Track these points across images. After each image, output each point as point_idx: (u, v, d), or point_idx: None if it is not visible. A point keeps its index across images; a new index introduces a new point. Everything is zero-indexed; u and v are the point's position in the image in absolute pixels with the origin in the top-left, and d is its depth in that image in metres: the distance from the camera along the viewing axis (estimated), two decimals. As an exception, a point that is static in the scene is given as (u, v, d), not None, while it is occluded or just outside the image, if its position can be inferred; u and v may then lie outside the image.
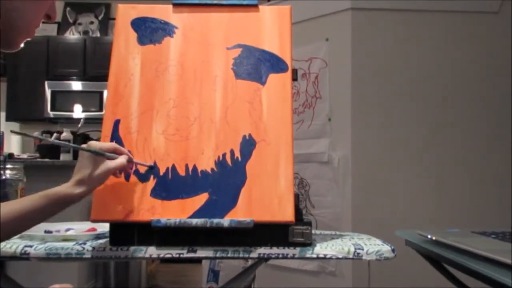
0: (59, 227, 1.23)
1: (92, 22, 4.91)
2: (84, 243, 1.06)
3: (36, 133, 3.68)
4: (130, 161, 1.01)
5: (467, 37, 2.32)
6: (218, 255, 1.01)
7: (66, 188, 0.92)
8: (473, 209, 2.22)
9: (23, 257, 1.02)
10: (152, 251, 1.01)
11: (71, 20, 4.91)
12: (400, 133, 2.30)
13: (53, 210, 0.92)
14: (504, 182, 2.27)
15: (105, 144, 0.99)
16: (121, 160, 0.98)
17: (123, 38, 1.16)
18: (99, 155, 0.94)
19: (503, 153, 2.29)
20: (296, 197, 1.03)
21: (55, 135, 2.99)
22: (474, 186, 2.27)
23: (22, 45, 0.78)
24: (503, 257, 0.79)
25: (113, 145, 1.00)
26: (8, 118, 4.46)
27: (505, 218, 1.34)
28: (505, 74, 2.31)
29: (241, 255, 1.01)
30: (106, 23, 4.96)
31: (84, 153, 0.94)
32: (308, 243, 1.02)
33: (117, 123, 1.09)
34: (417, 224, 1.29)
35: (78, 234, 1.14)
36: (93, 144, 0.96)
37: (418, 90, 2.31)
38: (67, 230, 1.20)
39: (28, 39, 0.78)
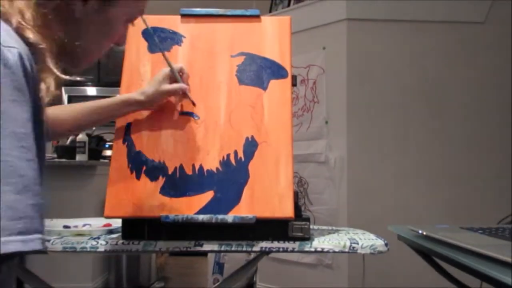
0: (77, 222, 1.23)
1: (105, 32, 4.93)
2: (98, 238, 1.06)
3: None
4: (184, 92, 1.08)
5: (456, 46, 2.32)
6: (222, 248, 1.00)
7: (134, 94, 1.05)
8: (462, 206, 2.22)
9: (41, 251, 1.02)
10: (161, 245, 1.00)
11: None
12: (393, 135, 2.30)
13: (122, 109, 1.06)
14: (490, 181, 2.27)
15: (176, 65, 1.08)
16: (175, 86, 1.06)
17: (135, 47, 1.16)
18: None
19: (491, 153, 2.29)
20: (296, 195, 1.03)
21: (71, 137, 3.00)
22: (463, 185, 2.26)
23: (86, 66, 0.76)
24: (489, 251, 0.79)
25: (182, 66, 1.09)
26: (28, 121, 4.48)
27: (492, 214, 1.34)
28: (491, 80, 2.31)
29: (244, 249, 1.00)
30: (119, 33, 4.97)
31: (156, 73, 1.07)
32: (307, 238, 1.02)
33: (128, 125, 1.09)
34: (408, 220, 1.29)
35: (92, 229, 1.14)
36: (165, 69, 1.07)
37: (409, 94, 2.31)
38: (84, 225, 1.20)
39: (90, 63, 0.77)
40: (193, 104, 1.09)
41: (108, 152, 2.96)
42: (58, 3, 0.63)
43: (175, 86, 1.06)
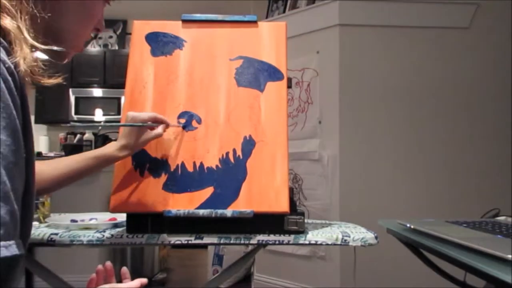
0: (84, 217, 1.23)
1: (111, 37, 4.90)
2: (104, 231, 1.06)
3: (61, 134, 3.68)
4: (166, 127, 1.02)
5: (442, 50, 2.32)
6: (222, 241, 1.01)
7: (113, 151, 0.97)
8: (448, 201, 2.23)
9: (49, 243, 1.02)
10: (163, 238, 1.00)
11: (92, 35, 4.88)
12: (383, 134, 2.30)
13: (97, 168, 0.97)
14: (475, 178, 2.28)
15: (146, 114, 0.99)
16: (159, 131, 1.00)
17: (138, 50, 1.16)
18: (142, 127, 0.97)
19: (474, 153, 2.29)
20: (291, 191, 1.03)
21: (78, 136, 2.99)
22: (448, 181, 2.27)
23: (71, 57, 0.74)
24: (473, 243, 0.79)
25: (154, 115, 1.00)
26: (37, 121, 4.44)
27: (476, 209, 1.34)
28: (477, 83, 2.32)
29: (242, 242, 1.01)
30: (124, 38, 4.95)
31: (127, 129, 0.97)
32: (301, 231, 1.02)
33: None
34: (397, 214, 1.29)
35: (98, 223, 1.14)
36: (135, 115, 0.98)
37: (399, 95, 2.32)
38: (91, 219, 1.20)
39: (78, 52, 0.74)
40: (183, 127, 1.07)
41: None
42: None
43: (155, 133, 1.00)
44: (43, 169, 0.94)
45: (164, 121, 1.02)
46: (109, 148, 0.98)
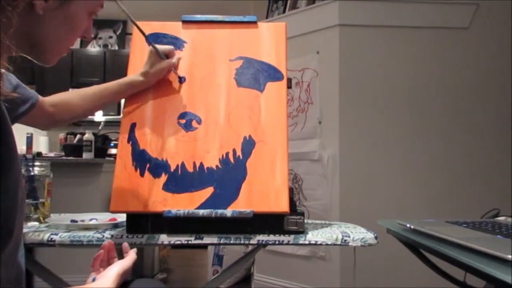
0: (84, 217, 1.23)
1: (111, 37, 4.91)
2: (104, 232, 1.06)
3: (61, 135, 3.67)
4: (175, 65, 1.13)
5: (442, 50, 2.33)
6: (222, 241, 1.00)
7: (134, 76, 1.10)
8: (448, 201, 2.23)
9: (50, 244, 1.02)
10: (163, 238, 1.00)
11: (92, 35, 4.89)
12: (382, 134, 2.30)
13: (122, 93, 1.11)
14: (475, 178, 2.28)
15: (165, 47, 1.11)
16: (172, 61, 1.11)
17: (139, 51, 1.16)
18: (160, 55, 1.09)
19: (475, 153, 2.29)
20: (291, 191, 1.03)
21: (78, 136, 2.99)
22: (448, 182, 2.27)
23: (55, 61, 0.74)
24: (473, 243, 0.79)
25: (171, 48, 1.12)
26: (37, 121, 4.45)
27: (476, 209, 1.34)
28: (477, 84, 2.32)
29: (242, 242, 1.00)
30: (123, 38, 4.95)
31: (150, 53, 1.09)
32: (301, 231, 1.02)
33: (133, 126, 1.09)
34: (397, 214, 1.29)
35: (98, 223, 1.14)
36: (157, 46, 1.09)
37: (398, 96, 2.32)
38: (91, 220, 1.20)
39: (62, 56, 0.75)
40: (180, 79, 1.13)
41: (113, 151, 2.96)
42: (20, 3, 0.60)
43: (165, 64, 1.10)
44: (72, 98, 1.08)
45: (172, 64, 1.11)
46: (134, 76, 1.10)
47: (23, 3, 0.61)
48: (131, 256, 0.80)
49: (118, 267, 0.74)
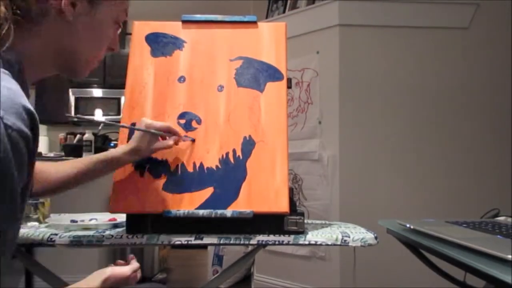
0: (84, 217, 1.23)
1: (111, 37, 4.92)
2: (104, 232, 1.06)
3: (61, 135, 3.67)
4: (176, 140, 1.03)
5: (442, 50, 2.33)
6: (222, 241, 1.00)
7: (121, 154, 0.99)
8: (448, 201, 2.23)
9: (49, 243, 1.02)
10: (163, 238, 1.00)
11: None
12: (383, 134, 2.30)
13: (105, 171, 1.00)
14: (474, 178, 2.28)
15: (161, 123, 1.02)
16: (170, 142, 1.01)
17: (138, 51, 1.16)
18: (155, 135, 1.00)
19: (474, 153, 2.29)
20: (291, 191, 1.03)
21: (78, 136, 2.99)
22: (448, 182, 2.27)
23: (87, 73, 0.78)
24: (473, 243, 0.79)
25: (168, 126, 1.03)
26: (37, 121, 4.46)
27: (475, 209, 1.34)
28: (476, 84, 2.32)
29: (242, 242, 1.00)
30: (123, 38, 4.94)
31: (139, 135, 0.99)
32: (301, 231, 1.02)
33: (133, 126, 1.09)
34: (397, 215, 1.29)
35: (98, 223, 1.14)
36: (149, 123, 1.00)
37: (399, 96, 2.32)
38: (91, 220, 1.20)
39: (94, 67, 0.78)
40: (193, 141, 1.06)
41: (113, 151, 2.95)
42: (49, 9, 0.65)
43: (161, 145, 1.01)
44: (50, 171, 0.95)
45: (177, 133, 1.04)
46: (118, 151, 0.99)
47: (53, 10, 0.66)
48: (131, 265, 0.80)
49: (110, 270, 0.75)
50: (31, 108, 0.57)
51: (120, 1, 0.77)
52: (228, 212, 0.98)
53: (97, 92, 4.63)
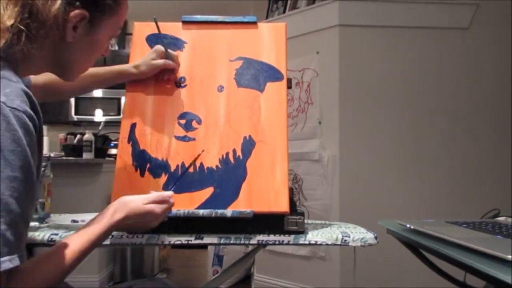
0: (84, 217, 1.23)
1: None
2: (104, 232, 1.06)
3: (61, 135, 3.68)
4: (171, 67, 1.12)
5: (442, 50, 2.33)
6: (222, 241, 1.00)
7: (128, 67, 1.12)
8: (448, 201, 2.23)
9: (50, 244, 1.02)
10: (164, 238, 1.00)
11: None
12: (382, 134, 2.30)
13: (114, 79, 1.13)
14: (475, 179, 2.28)
15: (173, 52, 1.13)
16: (168, 62, 1.11)
17: (139, 51, 1.16)
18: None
19: (475, 154, 2.29)
20: (291, 191, 1.03)
21: (78, 136, 2.99)
22: (449, 182, 2.27)
23: (77, 78, 0.86)
24: (473, 244, 0.79)
25: (176, 54, 1.14)
26: (37, 122, 4.46)
27: (476, 209, 1.34)
28: (476, 84, 2.32)
29: (242, 242, 1.00)
30: (124, 38, 4.95)
31: (151, 52, 1.12)
32: (301, 231, 1.02)
33: (133, 126, 1.09)
34: (397, 215, 1.29)
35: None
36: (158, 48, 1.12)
37: (398, 96, 2.32)
38: (91, 220, 1.20)
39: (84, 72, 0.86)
40: (178, 84, 1.12)
41: (113, 151, 2.96)
42: (50, 31, 0.72)
43: (161, 62, 1.10)
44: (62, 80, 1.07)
45: (169, 63, 1.12)
46: (125, 65, 1.12)
47: (57, 33, 0.73)
48: (160, 195, 0.88)
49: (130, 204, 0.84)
50: (28, 90, 0.66)
51: (118, 18, 0.81)
52: (228, 212, 0.98)
53: (97, 92, 4.62)
